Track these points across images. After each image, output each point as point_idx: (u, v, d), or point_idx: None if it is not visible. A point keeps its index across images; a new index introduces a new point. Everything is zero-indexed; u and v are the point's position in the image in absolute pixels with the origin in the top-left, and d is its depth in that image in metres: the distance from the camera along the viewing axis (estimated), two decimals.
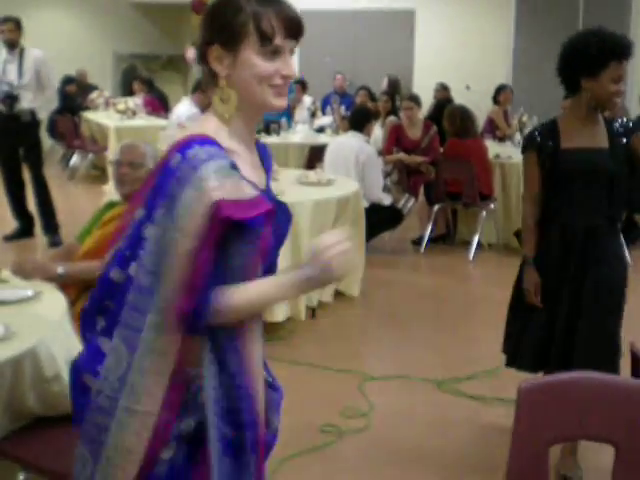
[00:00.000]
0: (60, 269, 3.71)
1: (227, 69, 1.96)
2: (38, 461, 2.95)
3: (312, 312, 6.17)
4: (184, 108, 9.59)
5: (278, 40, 1.93)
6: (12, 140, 8.27)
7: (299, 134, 9.95)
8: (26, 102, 8.11)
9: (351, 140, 7.64)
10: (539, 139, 3.80)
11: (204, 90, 7.82)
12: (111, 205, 4.23)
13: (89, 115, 12.69)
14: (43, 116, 8.48)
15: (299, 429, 4.39)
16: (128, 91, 14.75)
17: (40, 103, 8.23)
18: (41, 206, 8.42)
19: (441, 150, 8.70)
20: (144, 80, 14.60)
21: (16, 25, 8.10)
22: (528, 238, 3.91)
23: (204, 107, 9.70)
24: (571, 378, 2.34)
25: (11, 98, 8.02)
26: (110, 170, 10.96)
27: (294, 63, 2.02)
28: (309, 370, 5.21)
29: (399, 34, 14.48)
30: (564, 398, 2.24)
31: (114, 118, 11.78)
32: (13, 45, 8.08)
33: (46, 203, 8.44)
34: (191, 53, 13.57)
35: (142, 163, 4.08)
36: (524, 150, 3.91)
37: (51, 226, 8.36)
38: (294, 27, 1.95)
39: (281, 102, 1.99)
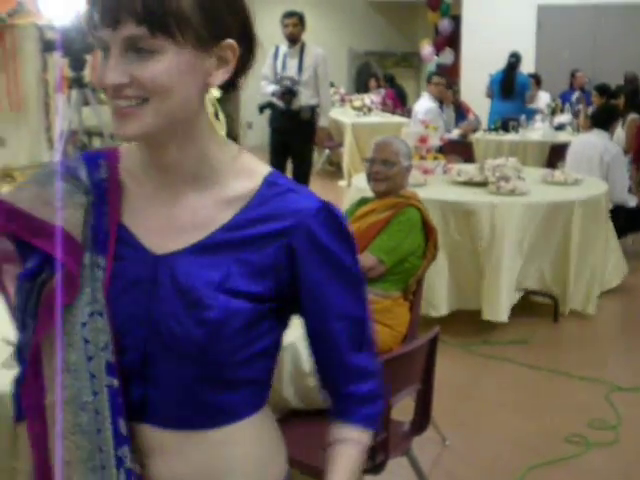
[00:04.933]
0: None
1: None
2: (291, 452, 2.98)
3: (554, 316, 5.97)
4: (421, 103, 9.61)
5: (95, 28, 1.29)
6: (285, 137, 8.03)
7: (538, 131, 9.70)
8: (305, 99, 7.91)
9: (595, 139, 7.34)
10: None
11: (436, 83, 7.73)
12: (364, 201, 4.26)
13: None
14: (325, 123, 8.14)
15: (544, 437, 4.26)
16: (363, 88, 14.93)
17: (322, 104, 7.98)
18: None
19: None
20: (385, 75, 14.75)
21: (300, 20, 7.89)
22: None
23: (440, 99, 9.67)
24: None
25: (291, 94, 7.83)
26: (345, 165, 11.21)
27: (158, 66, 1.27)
28: (551, 376, 5.04)
29: None
30: None
31: (350, 115, 11.93)
32: (295, 40, 7.88)
33: None
34: (427, 50, 13.59)
35: (396, 161, 4.08)
36: None
37: None
38: (102, 5, 1.27)
39: (120, 128, 1.30)
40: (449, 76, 11.34)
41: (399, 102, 14.00)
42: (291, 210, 1.37)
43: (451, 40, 13.84)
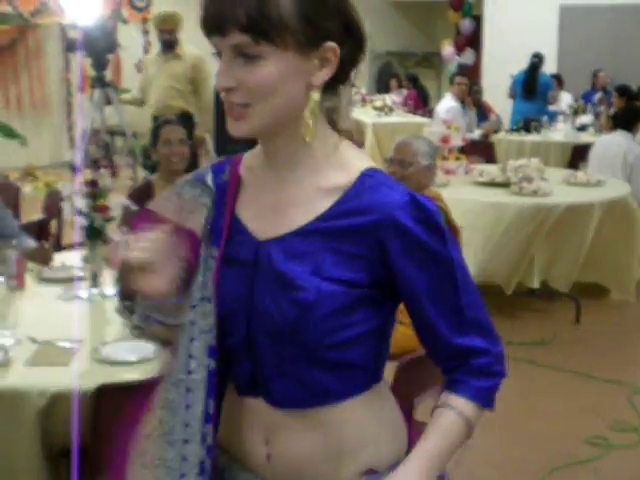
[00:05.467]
0: None
1: None
2: None
3: (576, 317, 5.95)
4: (443, 103, 9.59)
5: (207, 35, 1.43)
6: None
7: (560, 132, 9.66)
8: None
9: (619, 140, 7.29)
10: None
11: (458, 83, 7.62)
12: None
13: None
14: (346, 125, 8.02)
15: (565, 438, 4.24)
16: (384, 88, 14.90)
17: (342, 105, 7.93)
18: None
19: None
20: (408, 75, 14.71)
21: None
22: None
23: (462, 99, 9.62)
24: None
25: None
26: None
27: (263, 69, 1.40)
28: (573, 378, 5.02)
29: None
30: None
31: (371, 115, 11.89)
32: None
33: None
34: (448, 50, 13.56)
35: (412, 161, 4.08)
36: None
37: None
38: (211, 15, 1.40)
39: (232, 127, 1.45)
40: (471, 76, 11.31)
41: (421, 103, 13.97)
42: (380, 204, 1.44)
43: (472, 40, 13.81)
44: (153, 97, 7.45)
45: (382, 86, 15.52)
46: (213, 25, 1.38)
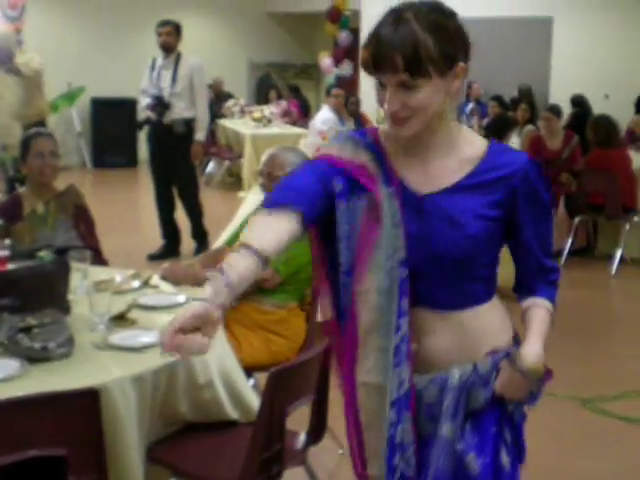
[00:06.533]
0: (210, 275, 3.71)
1: None
2: (188, 467, 2.96)
3: None
4: (320, 114, 9.67)
5: (373, 72, 1.97)
6: (164, 153, 7.81)
7: None
8: (178, 111, 7.62)
9: None
10: None
11: (335, 95, 7.68)
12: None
13: (225, 123, 12.85)
14: (200, 137, 7.82)
15: None
16: (263, 99, 14.93)
17: (199, 116, 7.73)
18: (193, 231, 8.17)
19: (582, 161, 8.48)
20: (289, 86, 14.76)
21: (175, 29, 7.65)
22: None
23: (339, 111, 9.74)
24: None
25: (161, 105, 7.56)
26: (244, 176, 11.20)
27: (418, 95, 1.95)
28: None
29: (535, 43, 14.18)
30: None
31: (250, 126, 11.91)
32: (169, 50, 7.63)
33: (198, 227, 8.13)
34: (326, 62, 13.68)
35: (279, 173, 3.99)
36: None
37: (200, 250, 7.79)
38: (378, 60, 1.93)
39: (397, 131, 2.01)
40: (349, 88, 11.43)
41: (302, 113, 14.05)
42: (513, 160, 2.06)
43: (350, 52, 13.97)
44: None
45: (261, 97, 15.55)
46: (382, 67, 1.91)
